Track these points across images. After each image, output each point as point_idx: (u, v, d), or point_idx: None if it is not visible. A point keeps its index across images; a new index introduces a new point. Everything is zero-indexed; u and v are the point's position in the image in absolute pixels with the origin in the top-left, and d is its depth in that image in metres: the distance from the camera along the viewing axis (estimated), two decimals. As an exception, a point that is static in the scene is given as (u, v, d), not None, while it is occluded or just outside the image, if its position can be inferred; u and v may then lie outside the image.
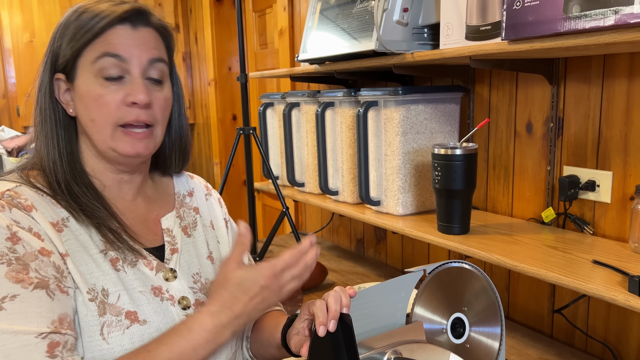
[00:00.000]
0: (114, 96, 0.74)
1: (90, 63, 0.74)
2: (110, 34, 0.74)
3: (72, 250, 0.72)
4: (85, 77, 0.75)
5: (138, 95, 0.74)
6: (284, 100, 1.77)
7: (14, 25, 3.00)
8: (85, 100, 0.75)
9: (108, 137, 0.75)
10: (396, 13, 1.22)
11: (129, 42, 0.75)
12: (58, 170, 0.76)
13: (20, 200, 0.71)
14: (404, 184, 1.33)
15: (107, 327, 0.71)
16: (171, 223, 0.86)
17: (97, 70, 0.74)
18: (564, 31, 0.85)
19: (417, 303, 0.82)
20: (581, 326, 1.18)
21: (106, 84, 0.74)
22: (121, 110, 0.74)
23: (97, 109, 0.74)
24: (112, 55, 0.73)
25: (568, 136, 1.17)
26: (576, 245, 1.07)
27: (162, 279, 0.79)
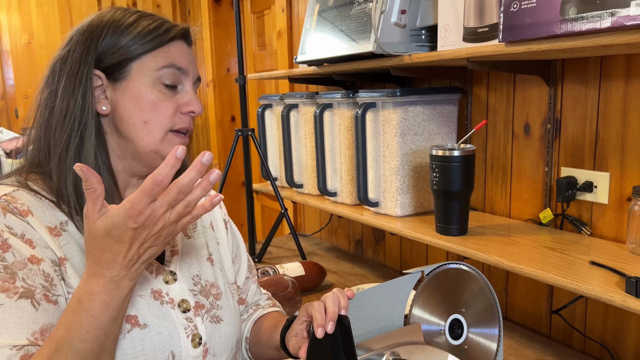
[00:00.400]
0: (171, 103, 0.77)
1: (153, 69, 0.76)
2: (174, 46, 0.78)
3: (71, 255, 0.72)
4: (142, 80, 0.75)
5: (196, 106, 0.79)
6: (283, 102, 1.77)
7: (12, 27, 3.00)
8: (141, 103, 0.75)
9: (158, 139, 0.77)
10: (394, 15, 1.22)
11: (188, 58, 0.80)
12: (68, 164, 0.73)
13: (16, 205, 0.71)
14: (402, 185, 1.34)
15: None
16: None
17: (159, 76, 0.76)
18: (561, 33, 0.85)
19: (415, 304, 0.82)
20: (579, 327, 1.18)
21: (164, 91, 0.77)
22: (176, 117, 0.78)
23: (153, 113, 0.76)
24: (178, 68, 0.78)
25: (565, 137, 1.17)
26: (574, 246, 1.07)
27: (162, 281, 0.79)
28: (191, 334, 0.78)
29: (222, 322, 0.84)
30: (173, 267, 0.82)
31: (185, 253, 0.85)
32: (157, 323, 0.75)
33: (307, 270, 1.51)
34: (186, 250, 0.86)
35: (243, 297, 0.99)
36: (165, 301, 0.78)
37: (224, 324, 0.84)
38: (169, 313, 0.77)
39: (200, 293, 0.83)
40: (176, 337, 0.76)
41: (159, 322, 0.75)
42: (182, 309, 0.79)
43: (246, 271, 1.00)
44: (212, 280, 0.86)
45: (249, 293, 1.00)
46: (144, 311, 0.75)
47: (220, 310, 0.84)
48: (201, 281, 0.85)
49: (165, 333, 0.75)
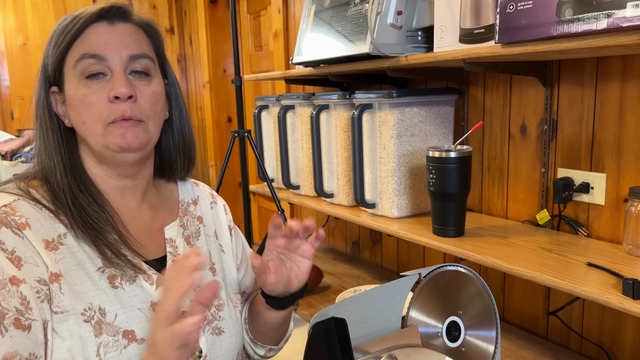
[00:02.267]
0: (99, 95, 0.73)
1: (72, 67, 0.74)
2: (87, 33, 0.74)
3: (68, 269, 0.71)
4: (71, 82, 0.74)
5: (119, 88, 0.72)
6: (279, 103, 1.77)
7: (7, 28, 2.99)
8: (74, 104, 0.74)
9: (100, 135, 0.74)
10: (390, 16, 1.22)
11: (107, 39, 0.74)
12: (64, 181, 0.75)
13: (14, 217, 0.70)
14: (398, 187, 1.33)
15: (104, 348, 0.69)
16: (174, 232, 0.84)
17: (79, 72, 0.73)
18: (557, 34, 0.85)
19: (412, 306, 0.82)
20: (576, 328, 1.18)
21: (89, 84, 0.73)
22: (108, 108, 0.73)
23: (85, 110, 0.74)
24: (91, 56, 0.73)
25: (562, 138, 1.17)
26: (570, 247, 1.07)
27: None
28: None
29: (223, 333, 0.82)
30: None
31: None
32: None
33: (304, 272, 1.50)
34: None
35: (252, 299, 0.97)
36: None
37: (225, 336, 0.82)
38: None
39: None
40: None
41: None
42: None
43: (254, 275, 0.97)
44: None
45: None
46: (142, 325, 0.73)
47: (222, 321, 0.83)
48: None
49: None
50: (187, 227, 0.87)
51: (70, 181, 0.75)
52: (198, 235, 0.88)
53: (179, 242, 0.84)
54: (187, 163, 0.89)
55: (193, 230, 0.88)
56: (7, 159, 2.36)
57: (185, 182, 0.93)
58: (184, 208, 0.89)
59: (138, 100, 0.75)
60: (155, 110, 0.78)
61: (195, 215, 0.90)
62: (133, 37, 0.76)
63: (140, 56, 0.76)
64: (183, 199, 0.90)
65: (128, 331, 0.71)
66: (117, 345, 0.70)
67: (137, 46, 0.76)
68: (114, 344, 0.69)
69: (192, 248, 0.78)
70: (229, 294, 0.88)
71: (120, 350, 0.70)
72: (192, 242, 0.86)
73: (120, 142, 0.74)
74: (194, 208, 0.91)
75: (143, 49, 0.77)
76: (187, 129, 0.87)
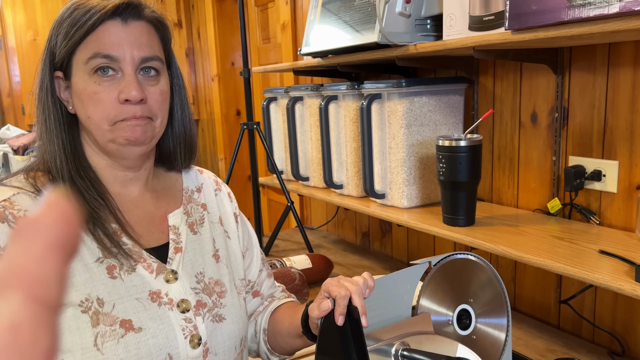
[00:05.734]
0: (109, 94, 0.74)
1: (83, 62, 0.74)
2: (101, 30, 0.73)
3: None
4: (79, 75, 0.74)
5: (131, 92, 0.73)
6: (288, 95, 1.77)
7: (17, 24, 3.01)
8: (82, 98, 0.75)
9: (107, 131, 0.75)
10: (398, 4, 1.21)
11: (120, 39, 0.74)
12: (64, 167, 0.75)
13: (12, 212, 0.70)
14: (408, 177, 1.33)
15: (101, 338, 0.70)
16: (178, 220, 0.85)
17: (90, 68, 0.74)
18: (568, 20, 0.84)
19: (422, 295, 0.82)
20: (588, 316, 1.18)
21: (100, 81, 0.74)
22: (117, 108, 0.74)
23: (92, 106, 0.74)
24: (104, 56, 0.73)
25: (573, 126, 1.16)
26: (582, 235, 1.07)
27: (163, 281, 0.78)
28: (189, 335, 0.77)
29: (224, 320, 0.82)
30: (175, 266, 0.80)
31: (190, 249, 0.84)
32: (153, 326, 0.74)
33: (314, 263, 1.51)
34: (191, 246, 0.84)
35: (258, 289, 0.97)
36: (164, 302, 0.76)
37: (226, 323, 0.82)
38: (166, 314, 0.75)
39: (203, 291, 0.81)
40: (173, 339, 0.75)
41: (155, 325, 0.74)
42: (181, 309, 0.77)
43: (259, 264, 0.98)
44: (216, 277, 0.85)
45: (264, 285, 0.98)
46: (140, 314, 0.73)
47: (224, 308, 0.83)
48: (205, 278, 0.83)
49: (162, 335, 0.74)
50: (191, 214, 0.87)
51: (70, 167, 0.76)
52: (202, 222, 0.88)
53: (182, 229, 0.84)
54: (189, 154, 0.89)
55: (197, 217, 0.88)
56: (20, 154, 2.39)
57: (189, 170, 0.93)
58: (188, 195, 0.90)
59: (148, 101, 0.76)
60: (163, 109, 0.80)
61: (199, 203, 0.90)
62: (145, 37, 0.76)
63: (151, 58, 0.76)
64: (187, 187, 0.91)
65: (125, 320, 0.72)
66: (114, 335, 0.70)
67: (148, 47, 0.76)
68: (111, 334, 0.70)
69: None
70: (234, 280, 0.88)
71: (118, 339, 0.70)
72: (195, 229, 0.86)
73: (128, 136, 0.75)
74: (198, 195, 0.91)
75: (154, 50, 0.77)
76: (187, 121, 0.88)
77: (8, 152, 2.38)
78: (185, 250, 0.83)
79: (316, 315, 0.73)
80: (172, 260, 0.80)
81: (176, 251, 0.82)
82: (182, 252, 0.82)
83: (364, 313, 0.70)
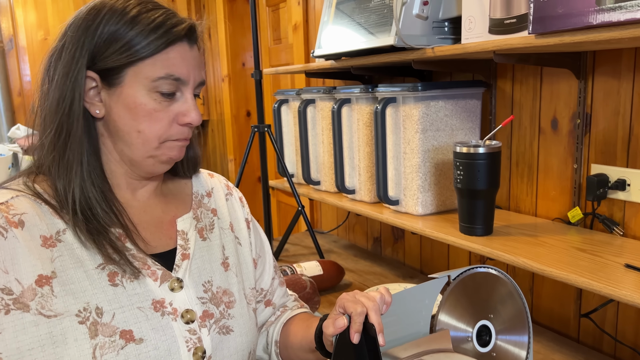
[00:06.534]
0: (167, 113, 0.73)
1: (149, 79, 0.71)
2: (174, 51, 0.72)
3: (64, 268, 0.68)
4: (137, 88, 0.71)
5: (194, 117, 0.75)
6: (299, 97, 1.74)
7: (28, 23, 3.01)
8: (137, 112, 0.71)
9: (153, 148, 0.74)
10: (416, 6, 1.18)
11: (188, 62, 0.74)
12: (77, 174, 0.71)
13: (7, 215, 0.67)
14: (423, 183, 1.29)
15: (100, 350, 0.66)
16: (187, 224, 0.82)
17: (154, 86, 0.71)
18: (597, 24, 0.80)
19: (441, 310, 0.79)
20: (610, 331, 1.13)
21: (160, 99, 0.72)
22: (173, 128, 0.75)
23: (148, 123, 0.72)
24: (176, 79, 0.73)
25: (596, 133, 1.12)
26: (605, 247, 1.02)
27: (167, 289, 0.74)
28: (193, 347, 0.73)
29: (232, 332, 0.79)
30: (181, 273, 0.77)
31: (198, 257, 0.80)
32: (155, 337, 0.70)
33: (325, 270, 1.48)
34: (199, 253, 0.81)
35: (270, 298, 0.94)
36: (167, 312, 0.73)
37: (234, 335, 0.79)
38: (169, 325, 0.72)
39: (210, 301, 0.78)
40: (175, 351, 0.71)
41: (157, 336, 0.71)
42: (185, 319, 0.74)
43: (272, 272, 0.95)
44: (224, 286, 0.82)
45: (276, 294, 0.96)
46: (141, 324, 0.70)
47: (232, 319, 0.80)
48: (212, 288, 0.80)
49: (163, 347, 0.71)
50: (201, 219, 0.85)
51: (85, 176, 0.71)
52: (212, 228, 0.85)
53: (191, 234, 0.81)
54: (192, 165, 0.88)
55: (207, 222, 0.85)
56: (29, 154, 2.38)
57: (199, 174, 0.91)
58: (198, 200, 0.87)
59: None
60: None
61: (210, 208, 0.87)
62: (201, 60, 0.78)
63: (203, 83, 0.79)
64: (197, 191, 0.88)
65: (126, 331, 0.69)
66: (114, 346, 0.67)
67: (203, 71, 0.79)
68: (110, 345, 0.67)
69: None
70: (244, 290, 0.85)
71: (117, 351, 0.67)
72: (205, 235, 0.83)
73: (174, 155, 0.77)
74: (208, 200, 0.88)
75: (203, 76, 0.79)
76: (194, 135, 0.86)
77: (18, 152, 2.37)
78: (193, 257, 0.80)
79: (331, 332, 0.70)
80: (178, 267, 0.77)
81: (183, 258, 0.79)
82: (189, 259, 0.79)
83: (380, 331, 0.67)
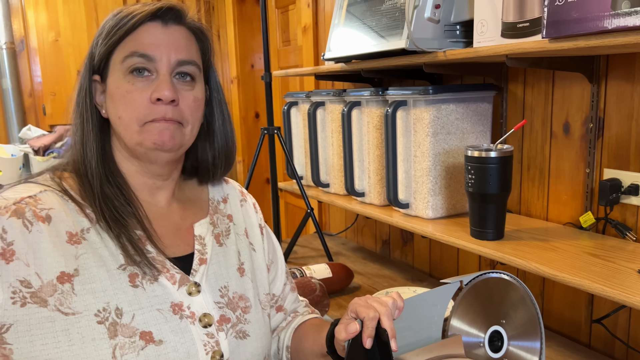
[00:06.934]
0: (141, 93, 0.72)
1: (120, 62, 0.73)
2: (141, 31, 0.73)
3: (87, 266, 0.69)
4: (115, 76, 0.74)
5: (163, 91, 0.72)
6: (309, 99, 1.74)
7: (39, 25, 3.03)
8: (114, 98, 0.74)
9: (135, 132, 0.74)
10: (427, 10, 1.18)
11: (159, 40, 0.73)
12: (93, 171, 0.74)
13: (35, 209, 0.69)
14: (434, 187, 1.29)
15: (120, 350, 0.67)
16: (204, 230, 0.83)
17: (126, 68, 0.73)
18: (612, 28, 0.79)
19: (453, 315, 0.78)
20: (622, 336, 1.12)
21: (133, 80, 0.73)
22: (148, 108, 0.73)
23: (124, 106, 0.73)
24: (141, 55, 0.72)
25: (609, 137, 1.11)
26: (618, 252, 1.02)
27: (185, 293, 0.75)
28: (211, 351, 0.74)
29: (248, 337, 0.79)
30: (198, 278, 0.77)
31: (215, 262, 0.81)
32: (174, 339, 0.71)
33: (335, 272, 1.48)
34: (216, 259, 0.82)
35: (281, 304, 0.95)
36: (186, 315, 0.73)
37: (250, 340, 0.79)
38: (187, 328, 0.73)
39: (227, 306, 0.79)
40: (194, 354, 0.72)
41: (176, 338, 0.71)
42: (203, 323, 0.75)
43: (284, 278, 0.96)
44: (240, 292, 0.82)
45: (287, 300, 0.96)
46: (161, 326, 0.71)
47: (248, 324, 0.80)
48: (229, 293, 0.80)
49: (182, 350, 0.71)
50: (217, 225, 0.85)
51: (100, 172, 0.75)
52: (228, 233, 0.86)
53: (208, 239, 0.82)
54: (228, 167, 0.88)
55: (223, 228, 0.86)
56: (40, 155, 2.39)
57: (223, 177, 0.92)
58: (214, 206, 0.88)
59: (180, 105, 0.75)
60: (196, 116, 0.78)
61: (225, 214, 0.88)
62: (184, 41, 0.76)
63: (187, 62, 0.76)
64: (213, 197, 0.89)
65: (145, 332, 0.69)
66: (134, 347, 0.68)
67: (186, 51, 0.76)
68: (130, 346, 0.68)
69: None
70: (258, 295, 0.86)
71: (138, 351, 0.68)
72: (221, 240, 0.84)
73: (156, 139, 0.73)
74: (224, 206, 0.89)
75: (191, 55, 0.77)
76: (230, 136, 0.87)
77: (29, 153, 2.39)
78: (210, 262, 0.80)
79: (343, 337, 0.69)
80: (195, 272, 0.78)
81: (200, 262, 0.79)
82: (206, 264, 0.79)
83: (393, 336, 0.67)
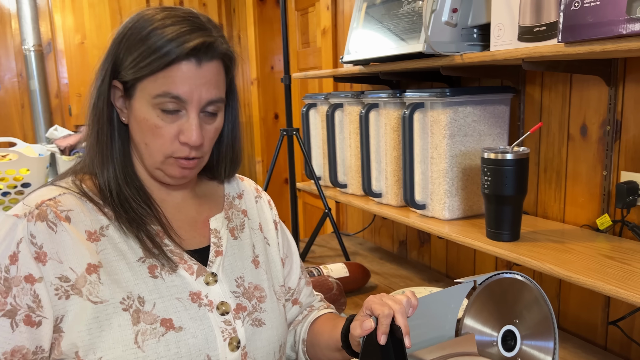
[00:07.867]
0: (169, 130, 0.75)
1: (150, 96, 0.73)
2: (175, 69, 0.72)
3: (108, 260, 0.74)
4: (142, 103, 0.74)
5: (191, 137, 0.74)
6: (327, 101, 1.76)
7: (66, 27, 3.11)
8: (142, 126, 0.76)
9: (158, 162, 0.78)
10: (445, 14, 1.19)
11: (192, 82, 0.73)
12: (110, 173, 0.77)
13: (56, 211, 0.73)
14: (450, 188, 1.31)
15: (142, 335, 0.71)
16: (219, 224, 0.87)
17: (156, 104, 0.74)
18: (627, 33, 0.80)
19: (467, 314, 0.80)
20: (638, 339, 1.12)
21: (163, 116, 0.74)
22: (174, 145, 0.76)
23: (151, 137, 0.76)
24: (173, 97, 0.73)
25: (627, 140, 1.11)
26: (635, 255, 1.02)
27: (203, 283, 0.79)
28: (228, 337, 0.77)
29: (264, 325, 0.83)
30: (215, 268, 0.81)
31: (230, 254, 0.85)
32: (193, 326, 0.75)
33: (351, 272, 1.50)
34: (232, 251, 0.86)
35: (297, 297, 0.98)
36: (204, 303, 0.77)
37: (266, 328, 0.83)
38: (206, 315, 0.76)
39: (242, 295, 0.82)
40: (212, 341, 0.76)
41: (195, 325, 0.75)
42: (220, 311, 0.78)
43: (298, 272, 0.99)
44: (256, 282, 0.86)
45: (302, 293, 0.99)
46: (180, 314, 0.75)
47: (264, 313, 0.84)
48: (244, 283, 0.84)
49: (201, 336, 0.75)
50: (232, 219, 0.89)
51: (118, 175, 0.78)
52: (242, 228, 0.90)
53: (223, 233, 0.86)
54: (233, 168, 0.91)
55: (238, 223, 0.90)
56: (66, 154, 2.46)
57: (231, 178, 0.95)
58: (229, 201, 0.92)
59: (203, 143, 0.77)
60: (213, 143, 0.81)
61: (240, 209, 0.92)
62: (214, 77, 0.75)
63: (215, 101, 0.77)
64: (228, 193, 0.93)
65: (166, 319, 0.73)
66: (155, 333, 0.72)
67: (216, 89, 0.76)
68: (151, 332, 0.72)
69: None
70: (273, 287, 0.89)
71: (159, 337, 0.72)
72: (236, 234, 0.88)
73: (176, 174, 0.79)
74: (239, 202, 0.93)
75: (220, 92, 0.77)
76: (236, 136, 0.89)
77: (56, 152, 2.46)
78: (226, 254, 0.84)
79: (358, 333, 0.72)
80: (212, 263, 0.82)
81: (217, 254, 0.83)
82: (222, 256, 0.83)
83: (407, 333, 0.69)
